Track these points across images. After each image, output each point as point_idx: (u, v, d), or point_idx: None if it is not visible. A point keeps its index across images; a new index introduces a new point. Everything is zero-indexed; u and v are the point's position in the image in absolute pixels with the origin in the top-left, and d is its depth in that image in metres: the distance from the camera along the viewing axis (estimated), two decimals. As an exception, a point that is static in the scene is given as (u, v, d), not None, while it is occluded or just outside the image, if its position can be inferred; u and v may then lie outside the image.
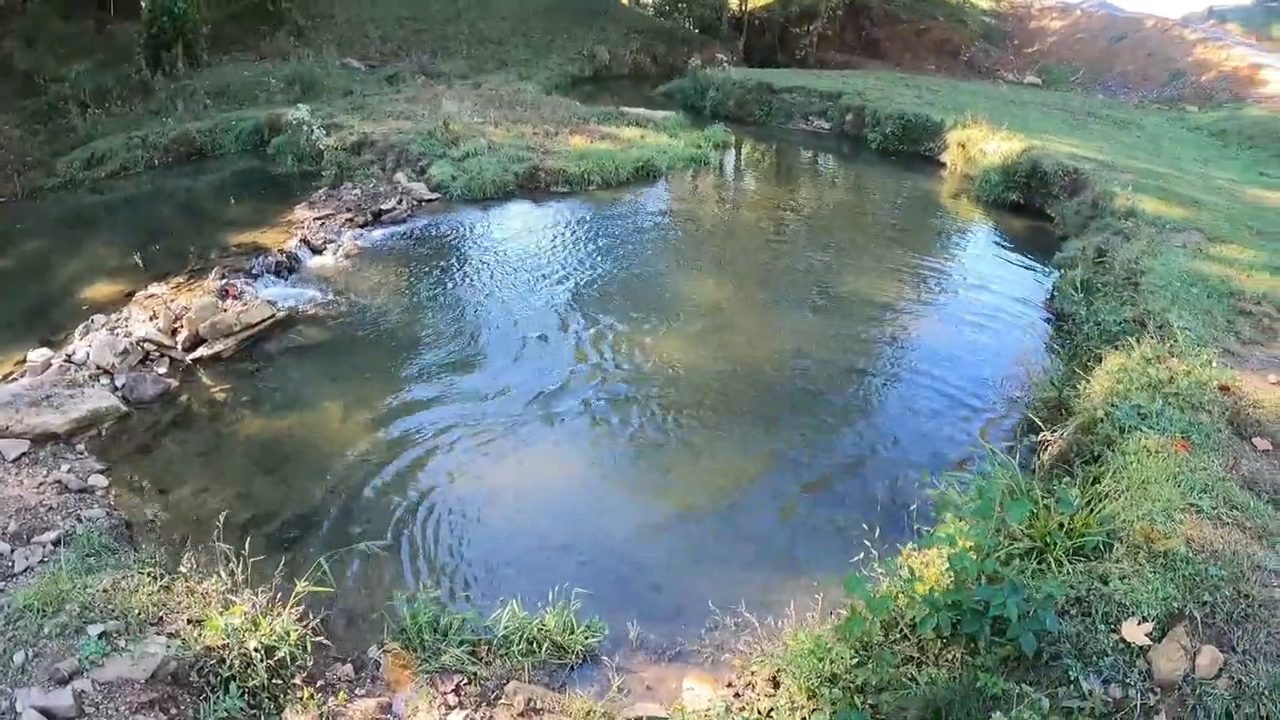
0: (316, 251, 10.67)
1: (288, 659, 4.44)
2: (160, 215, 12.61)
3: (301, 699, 4.26)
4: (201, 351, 8.06)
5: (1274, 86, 19.91)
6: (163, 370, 7.78)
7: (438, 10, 26.12)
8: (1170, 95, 22.31)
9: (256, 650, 4.35)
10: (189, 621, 4.48)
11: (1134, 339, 6.59)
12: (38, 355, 7.76)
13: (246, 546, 5.00)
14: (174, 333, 8.17)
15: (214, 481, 6.33)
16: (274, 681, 4.33)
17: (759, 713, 4.15)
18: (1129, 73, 24.34)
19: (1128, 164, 12.79)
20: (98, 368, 7.53)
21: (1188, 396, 5.43)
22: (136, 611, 4.44)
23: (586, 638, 4.79)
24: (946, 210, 13.91)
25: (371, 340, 8.54)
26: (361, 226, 11.58)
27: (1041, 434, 6.29)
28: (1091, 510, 4.49)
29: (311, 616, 4.78)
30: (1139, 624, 3.60)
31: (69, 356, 7.71)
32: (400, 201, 12.44)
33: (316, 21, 24.18)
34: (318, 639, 4.65)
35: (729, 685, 4.48)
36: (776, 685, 4.30)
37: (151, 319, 8.36)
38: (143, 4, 19.52)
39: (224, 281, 9.18)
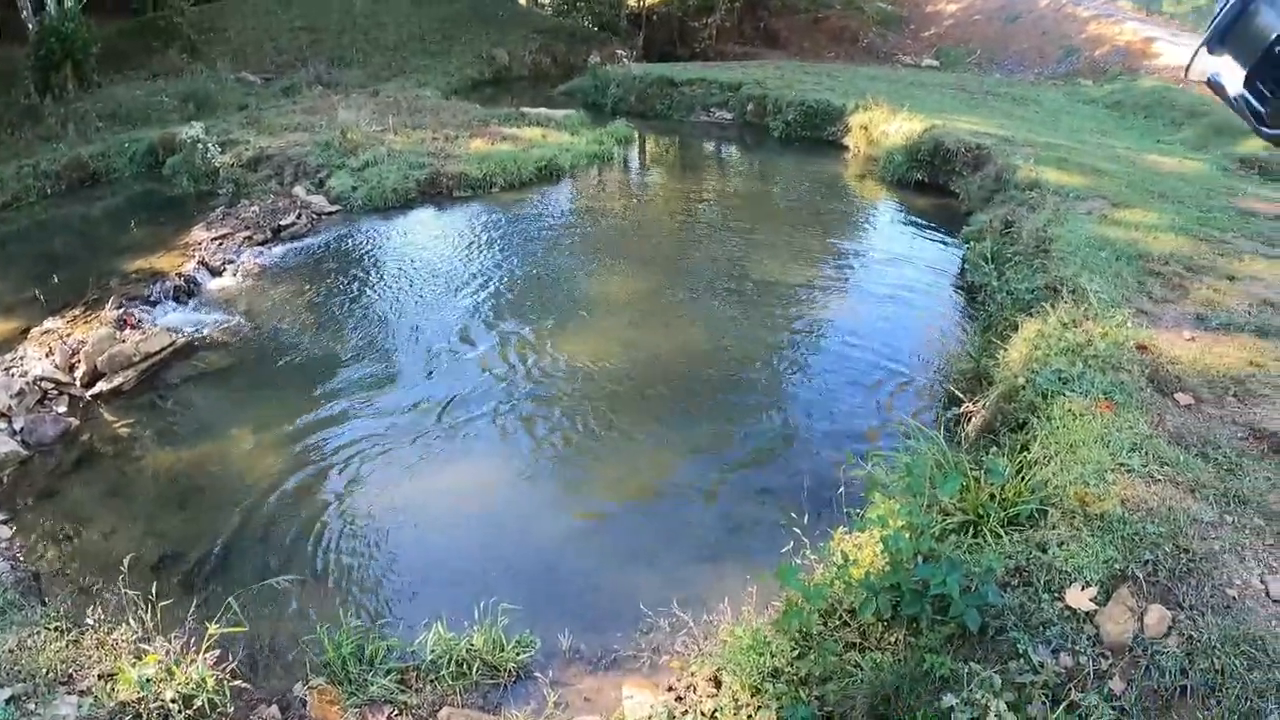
0: (215, 273, 10.26)
1: (206, 707, 4.16)
2: (57, 246, 12.00)
3: (224, 747, 4.02)
4: (101, 386, 7.66)
5: (1165, 58, 20.42)
6: (62, 409, 7.38)
7: (333, 20, 25.52)
8: (1065, 71, 22.82)
9: (174, 701, 4.07)
10: (100, 677, 4.20)
11: (1048, 305, 6.63)
12: (-73, 403, 7.28)
13: (155, 589, 4.71)
14: (72, 368, 7.76)
15: (122, 522, 6.01)
16: (194, 732, 4.07)
17: (702, 714, 4.02)
18: (1025, 51, 24.84)
19: (1028, 138, 12.99)
20: (-8, 412, 7.11)
21: (1107, 358, 5.47)
22: (45, 670, 4.17)
23: (518, 654, 4.61)
24: (853, 192, 14.03)
25: (276, 362, 8.21)
26: (261, 244, 11.15)
27: (964, 405, 6.30)
28: (1023, 478, 4.46)
29: (230, 658, 4.51)
30: (1082, 589, 3.56)
31: (-39, 402, 7.26)
32: (299, 216, 12.02)
33: (209, 36, 23.43)
34: (237, 682, 4.38)
35: (669, 689, 4.33)
36: (718, 684, 4.17)
37: (48, 355, 7.93)
38: (30, 26, 18.68)
39: (121, 311, 8.75)
